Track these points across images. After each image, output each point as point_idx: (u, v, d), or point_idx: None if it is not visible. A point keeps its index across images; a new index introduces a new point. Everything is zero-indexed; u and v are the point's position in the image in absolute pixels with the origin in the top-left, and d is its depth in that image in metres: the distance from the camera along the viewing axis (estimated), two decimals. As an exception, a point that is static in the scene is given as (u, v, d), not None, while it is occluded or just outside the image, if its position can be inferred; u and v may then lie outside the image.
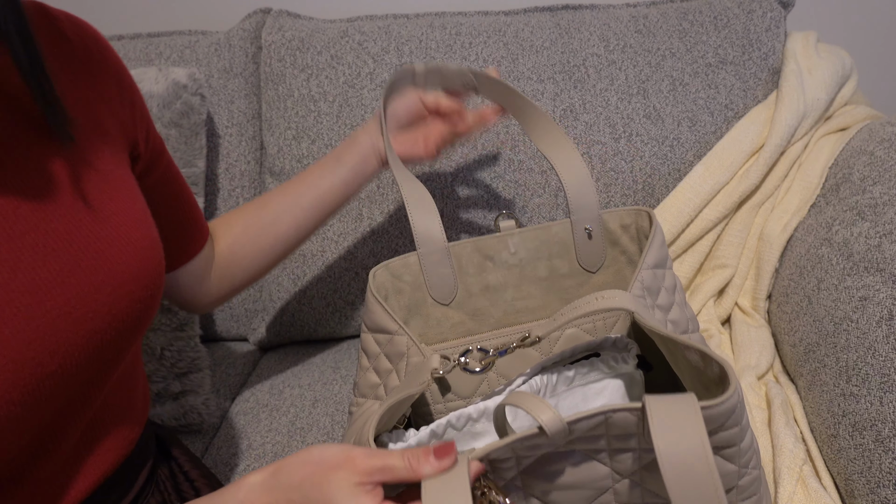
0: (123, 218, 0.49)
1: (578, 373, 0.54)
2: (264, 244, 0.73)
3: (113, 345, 0.48)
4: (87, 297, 0.45)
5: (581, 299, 0.48)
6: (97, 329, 0.46)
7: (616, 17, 1.00)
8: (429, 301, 0.63)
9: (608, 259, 0.64)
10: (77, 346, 0.44)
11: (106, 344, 0.47)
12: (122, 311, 0.48)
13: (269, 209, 0.73)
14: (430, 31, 0.99)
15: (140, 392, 0.58)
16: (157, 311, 0.54)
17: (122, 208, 0.50)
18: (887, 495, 0.58)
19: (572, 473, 0.43)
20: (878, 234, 0.72)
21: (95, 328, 0.46)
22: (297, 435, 0.81)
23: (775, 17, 0.98)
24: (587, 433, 0.41)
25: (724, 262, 0.93)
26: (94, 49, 0.54)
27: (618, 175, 0.94)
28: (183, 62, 1.02)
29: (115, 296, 0.47)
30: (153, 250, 0.51)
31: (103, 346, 0.47)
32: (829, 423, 0.67)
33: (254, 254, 0.73)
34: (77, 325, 0.44)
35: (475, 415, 0.50)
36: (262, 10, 1.07)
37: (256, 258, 0.73)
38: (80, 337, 0.45)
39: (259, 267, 0.74)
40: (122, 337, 0.49)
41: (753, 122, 0.94)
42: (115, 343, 0.48)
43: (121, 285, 0.48)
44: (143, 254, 0.50)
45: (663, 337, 0.47)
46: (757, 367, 0.81)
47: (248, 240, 0.73)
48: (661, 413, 0.37)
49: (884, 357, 0.63)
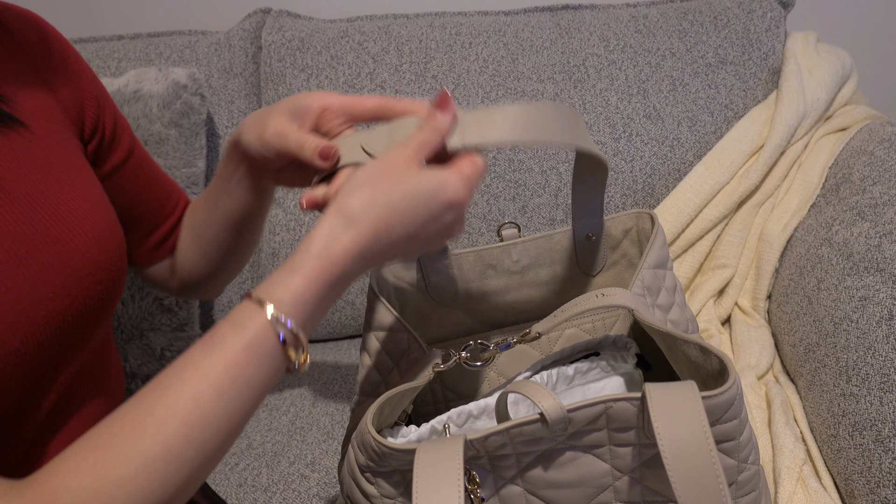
0: (79, 203, 0.50)
1: (578, 372, 0.54)
2: (205, 248, 0.65)
3: (75, 327, 0.49)
4: (45, 277, 0.46)
5: (582, 296, 0.48)
6: (58, 310, 0.47)
7: (616, 17, 1.00)
8: (429, 301, 0.63)
9: (608, 262, 0.64)
10: (39, 325, 0.45)
11: (68, 325, 0.48)
12: (83, 293, 0.49)
13: (196, 217, 0.65)
14: (430, 31, 0.99)
15: (113, 377, 0.59)
16: (121, 296, 0.55)
17: (78, 193, 0.51)
18: (887, 495, 0.58)
19: (572, 470, 0.43)
20: (878, 234, 0.72)
21: (57, 308, 0.46)
22: (297, 434, 0.81)
23: (775, 17, 0.98)
24: (587, 426, 0.41)
25: (724, 262, 0.93)
26: (34, 37, 0.55)
27: (618, 175, 0.94)
28: (183, 62, 1.02)
29: (74, 278, 0.48)
30: (112, 234, 0.52)
31: (65, 327, 0.48)
32: (829, 423, 0.67)
33: (198, 257, 0.66)
34: (37, 305, 0.45)
35: (476, 412, 0.50)
36: (262, 10, 1.07)
37: (204, 259, 0.66)
38: (42, 317, 0.45)
39: (215, 264, 0.66)
40: (84, 319, 0.49)
41: (753, 122, 0.94)
42: (77, 325, 0.49)
43: (80, 268, 0.48)
44: (100, 236, 0.51)
45: (662, 333, 0.47)
46: (757, 367, 0.81)
47: (192, 242, 0.66)
48: (661, 399, 0.38)
49: (884, 357, 0.63)
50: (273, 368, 0.40)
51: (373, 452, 0.43)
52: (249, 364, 0.39)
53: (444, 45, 0.98)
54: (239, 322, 0.39)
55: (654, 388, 0.38)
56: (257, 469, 0.75)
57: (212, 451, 0.38)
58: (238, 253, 0.65)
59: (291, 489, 0.72)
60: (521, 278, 0.64)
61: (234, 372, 0.38)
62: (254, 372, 0.39)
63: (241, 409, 0.39)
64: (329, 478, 0.74)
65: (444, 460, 0.38)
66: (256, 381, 0.39)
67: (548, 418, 0.39)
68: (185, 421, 0.37)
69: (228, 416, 0.38)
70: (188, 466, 0.37)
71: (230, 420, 0.38)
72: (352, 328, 1.01)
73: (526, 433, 0.41)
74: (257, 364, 0.39)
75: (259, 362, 0.39)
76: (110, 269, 0.51)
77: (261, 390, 0.40)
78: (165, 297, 0.88)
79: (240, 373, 0.38)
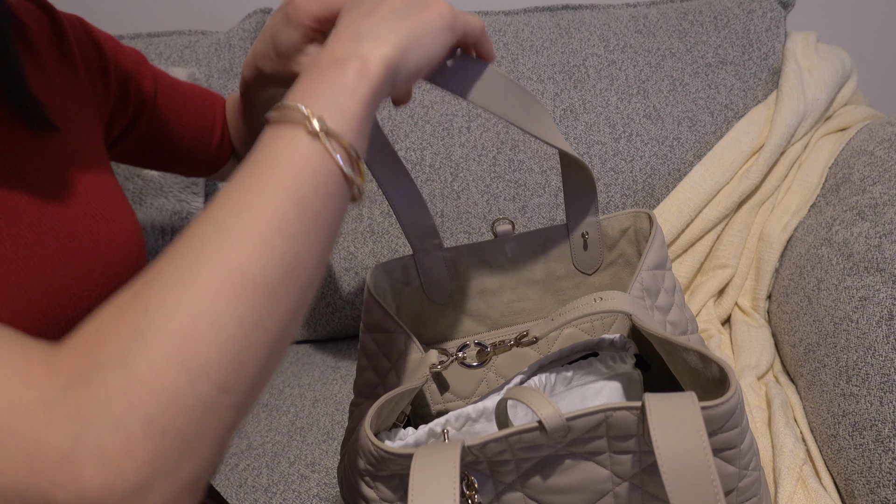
0: (105, 202, 0.51)
1: (577, 373, 0.54)
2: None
3: None
4: (82, 275, 0.46)
5: (580, 300, 0.48)
6: (91, 308, 0.47)
7: (616, 17, 1.00)
8: (426, 301, 0.63)
9: (605, 261, 0.64)
10: (76, 323, 0.45)
11: None
12: (113, 292, 0.49)
13: (235, 114, 0.69)
14: (430, 31, 0.99)
15: None
16: None
17: (104, 193, 0.51)
18: (887, 495, 0.58)
19: (572, 476, 0.43)
20: (878, 234, 0.72)
21: (90, 307, 0.47)
22: (297, 435, 0.81)
23: (775, 17, 0.98)
24: (587, 433, 0.41)
25: (724, 263, 0.93)
26: (69, 34, 0.55)
27: (618, 175, 0.94)
28: (183, 62, 1.02)
29: (106, 276, 0.48)
30: (135, 234, 0.53)
31: None
32: (829, 423, 0.67)
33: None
34: (75, 303, 0.45)
35: (474, 415, 0.49)
36: (262, 10, 1.07)
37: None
38: (78, 315, 0.46)
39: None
40: None
41: (753, 122, 0.94)
42: None
43: (110, 266, 0.49)
44: (126, 237, 0.51)
45: (661, 339, 0.47)
46: (757, 367, 0.81)
47: (241, 135, 0.71)
48: (661, 411, 0.37)
49: (884, 357, 0.63)
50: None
51: (371, 457, 0.43)
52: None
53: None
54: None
55: (653, 400, 0.38)
56: (257, 469, 0.75)
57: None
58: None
59: (291, 489, 0.72)
60: (517, 277, 0.64)
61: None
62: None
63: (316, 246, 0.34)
64: (329, 478, 0.74)
65: (440, 466, 0.38)
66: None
67: (546, 427, 0.39)
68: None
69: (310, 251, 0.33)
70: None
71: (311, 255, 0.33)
72: (352, 328, 1.01)
73: (525, 440, 0.41)
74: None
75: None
76: (135, 269, 0.52)
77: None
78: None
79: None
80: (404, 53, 0.39)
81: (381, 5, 0.41)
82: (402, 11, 0.40)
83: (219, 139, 0.70)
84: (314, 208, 0.33)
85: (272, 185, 0.32)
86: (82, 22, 0.58)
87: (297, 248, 0.32)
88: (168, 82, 0.66)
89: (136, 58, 0.63)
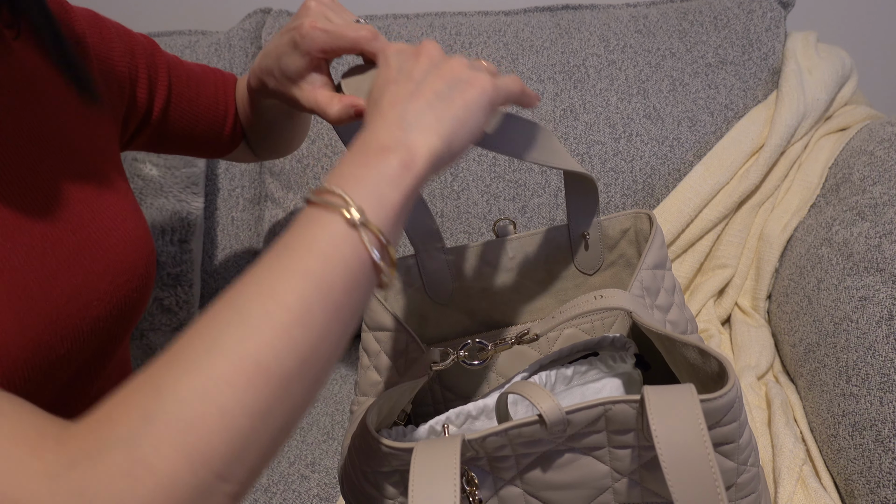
0: (116, 210, 0.51)
1: (577, 372, 0.54)
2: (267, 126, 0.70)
3: (111, 332, 0.49)
4: (91, 284, 0.47)
5: (580, 297, 0.48)
6: (101, 316, 0.47)
7: (616, 17, 1.00)
8: (427, 300, 0.63)
9: (606, 262, 0.64)
10: (84, 332, 0.46)
11: (106, 331, 0.49)
12: (122, 299, 0.50)
13: (244, 102, 0.70)
14: (430, 31, 0.99)
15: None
16: (149, 301, 0.56)
17: (114, 201, 0.52)
18: (887, 495, 0.58)
19: (572, 472, 0.43)
20: (878, 234, 0.72)
21: (99, 315, 0.47)
22: (297, 435, 0.81)
23: (775, 17, 0.98)
24: (586, 428, 0.41)
25: (724, 263, 0.93)
26: (94, 34, 0.56)
27: (618, 175, 0.94)
28: (183, 62, 1.02)
29: (115, 284, 0.49)
30: (145, 241, 0.53)
31: (104, 333, 0.48)
32: (829, 423, 0.67)
33: (261, 125, 0.70)
34: (83, 311, 0.46)
35: (474, 412, 0.50)
36: (262, 10, 1.07)
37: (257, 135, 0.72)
38: (87, 323, 0.46)
39: (271, 138, 0.71)
40: (120, 325, 0.50)
41: (753, 122, 0.94)
42: (113, 331, 0.50)
43: (119, 274, 0.49)
44: (136, 244, 0.52)
45: (661, 336, 0.47)
46: (757, 367, 0.81)
47: (250, 121, 0.71)
48: (660, 402, 0.38)
49: (884, 357, 0.63)
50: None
51: (372, 452, 0.43)
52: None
53: (445, 45, 0.98)
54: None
55: (652, 392, 0.38)
56: (257, 469, 0.75)
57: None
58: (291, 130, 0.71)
59: (291, 489, 0.72)
60: (518, 276, 0.64)
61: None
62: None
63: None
64: (329, 478, 0.74)
65: (440, 460, 0.38)
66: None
67: (546, 420, 0.39)
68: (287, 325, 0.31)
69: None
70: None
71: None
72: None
73: (525, 434, 0.41)
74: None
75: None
76: (144, 276, 0.52)
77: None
78: (165, 297, 0.88)
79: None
80: (450, 142, 0.39)
81: (423, 88, 0.40)
82: (446, 95, 0.40)
83: (232, 125, 0.70)
84: (338, 299, 0.33)
85: (301, 272, 0.32)
86: (95, 17, 0.58)
87: (315, 339, 0.32)
88: (181, 73, 0.66)
89: (150, 48, 0.62)
